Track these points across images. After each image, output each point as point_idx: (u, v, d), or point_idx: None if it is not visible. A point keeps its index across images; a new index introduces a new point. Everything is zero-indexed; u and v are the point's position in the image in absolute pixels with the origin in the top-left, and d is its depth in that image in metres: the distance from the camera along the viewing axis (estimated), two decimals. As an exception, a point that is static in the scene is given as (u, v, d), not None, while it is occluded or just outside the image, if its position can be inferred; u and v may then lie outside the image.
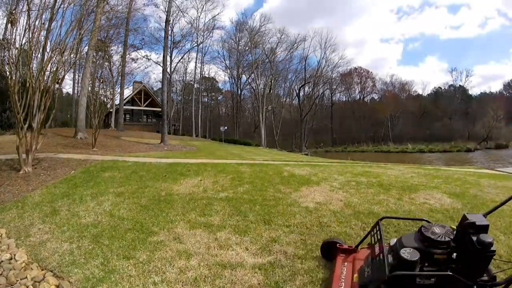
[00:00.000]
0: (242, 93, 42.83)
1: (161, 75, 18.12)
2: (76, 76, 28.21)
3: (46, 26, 6.06)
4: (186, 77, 40.81)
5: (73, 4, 7.07)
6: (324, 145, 47.34)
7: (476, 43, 68.97)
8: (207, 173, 5.48)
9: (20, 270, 2.25)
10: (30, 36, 5.40)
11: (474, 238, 1.51)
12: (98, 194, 4.12)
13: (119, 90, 22.61)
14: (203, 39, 31.97)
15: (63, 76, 6.58)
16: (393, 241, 1.72)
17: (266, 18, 40.89)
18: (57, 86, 6.98)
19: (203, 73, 38.92)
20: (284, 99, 46.79)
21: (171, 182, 4.74)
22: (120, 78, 22.39)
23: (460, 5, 75.49)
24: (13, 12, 5.81)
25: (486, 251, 1.48)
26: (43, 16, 5.75)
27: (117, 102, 23.88)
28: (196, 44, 31.45)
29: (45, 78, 5.83)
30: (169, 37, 23.87)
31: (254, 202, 3.68)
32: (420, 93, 53.69)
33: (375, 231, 1.93)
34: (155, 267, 2.27)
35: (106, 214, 3.39)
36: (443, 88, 54.09)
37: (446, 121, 47.20)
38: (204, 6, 30.98)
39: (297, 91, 40.66)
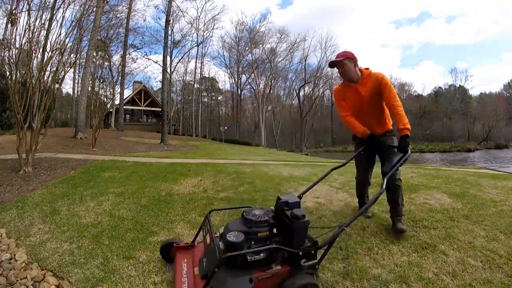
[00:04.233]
0: (242, 93, 42.83)
1: (161, 75, 18.09)
2: (76, 76, 28.23)
3: (46, 26, 6.06)
4: (186, 77, 40.79)
5: (73, 4, 7.08)
6: (324, 145, 47.32)
7: (471, 48, 70.82)
8: (207, 173, 5.48)
9: (20, 270, 2.25)
10: (30, 36, 5.40)
11: (289, 213, 1.81)
12: (98, 194, 4.12)
13: (119, 90, 22.64)
14: (203, 39, 32.03)
15: (63, 76, 6.58)
16: (221, 229, 1.88)
17: (265, 18, 40.92)
18: (57, 86, 6.99)
19: (203, 73, 38.93)
20: (284, 99, 46.78)
21: (171, 182, 4.73)
22: (120, 78, 22.42)
23: (456, 15, 78.01)
24: (13, 12, 5.80)
25: (300, 221, 1.76)
26: (43, 16, 5.75)
27: (117, 102, 23.92)
28: (196, 44, 31.50)
29: (45, 78, 5.83)
30: (169, 37, 23.86)
31: (254, 202, 3.67)
32: (420, 93, 53.76)
33: (205, 224, 2.07)
34: (155, 267, 2.27)
35: (106, 214, 3.39)
36: (443, 88, 54.13)
37: (446, 121, 47.19)
38: (204, 6, 31.10)
39: (297, 91, 40.66)
